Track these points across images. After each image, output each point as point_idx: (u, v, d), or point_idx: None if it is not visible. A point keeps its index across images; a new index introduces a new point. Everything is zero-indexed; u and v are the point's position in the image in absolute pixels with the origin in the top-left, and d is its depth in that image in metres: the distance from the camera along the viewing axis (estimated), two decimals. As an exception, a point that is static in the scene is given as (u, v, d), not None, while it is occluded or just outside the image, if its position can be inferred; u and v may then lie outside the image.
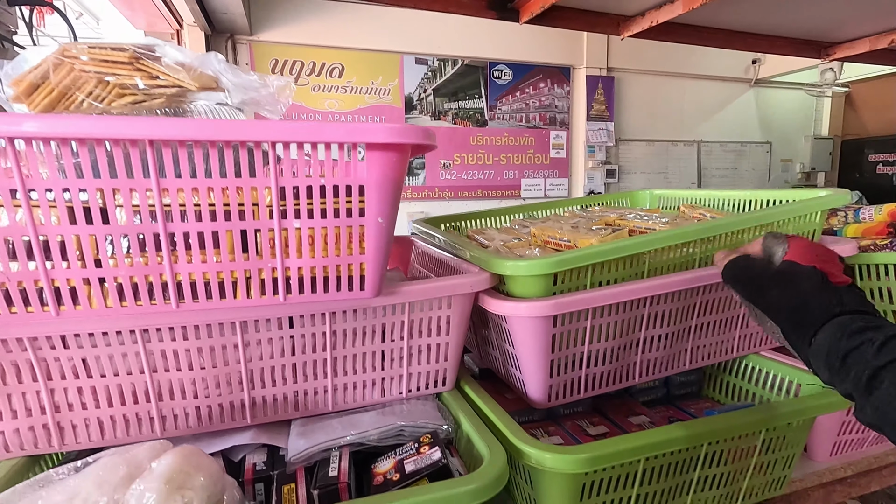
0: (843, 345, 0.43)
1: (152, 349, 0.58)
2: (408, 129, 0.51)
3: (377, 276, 0.59)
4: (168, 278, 0.51)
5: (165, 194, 0.48)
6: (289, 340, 0.64)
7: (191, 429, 0.64)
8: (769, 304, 0.52)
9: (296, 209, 0.53)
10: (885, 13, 1.26)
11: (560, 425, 0.82)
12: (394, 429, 0.65)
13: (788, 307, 0.50)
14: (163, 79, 0.54)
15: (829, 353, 0.44)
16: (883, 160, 6.41)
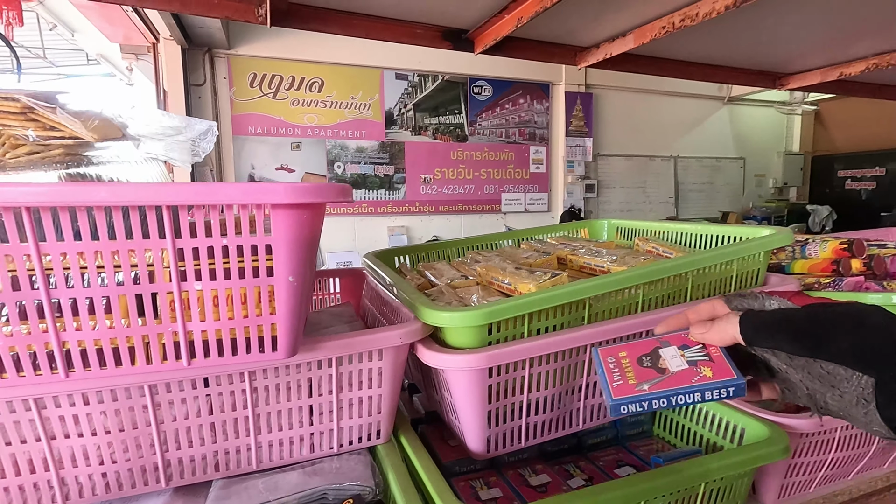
0: None
1: (48, 415, 0.54)
2: (315, 189, 0.49)
3: (291, 336, 0.56)
4: (54, 347, 0.48)
5: (47, 258, 0.45)
6: (205, 399, 0.61)
7: (97, 496, 0.60)
8: (842, 352, 0.37)
9: (197, 270, 0.50)
10: (833, 48, 1.29)
11: (502, 475, 0.79)
12: (316, 493, 0.62)
13: (882, 352, 0.36)
14: (60, 129, 0.51)
15: None
16: (851, 176, 6.60)
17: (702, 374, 0.45)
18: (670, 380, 0.46)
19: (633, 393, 0.47)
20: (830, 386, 0.38)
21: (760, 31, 1.16)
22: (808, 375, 0.39)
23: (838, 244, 0.94)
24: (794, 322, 0.39)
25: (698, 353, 0.47)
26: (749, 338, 0.42)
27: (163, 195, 0.44)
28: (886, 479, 0.93)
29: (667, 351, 0.49)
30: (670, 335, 0.50)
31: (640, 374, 0.48)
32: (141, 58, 4.68)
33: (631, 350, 0.52)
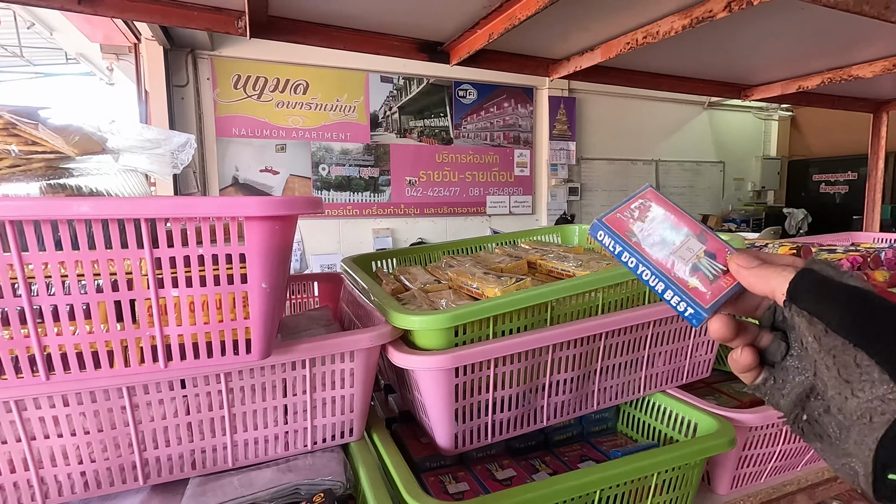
0: None
1: (28, 416, 0.57)
2: (287, 202, 0.53)
3: (264, 339, 0.59)
4: (35, 351, 0.50)
5: (29, 266, 0.48)
6: (182, 400, 0.64)
7: (76, 495, 0.62)
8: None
9: (173, 277, 0.53)
10: (791, 63, 1.37)
11: (470, 470, 0.83)
12: (288, 488, 0.65)
13: None
14: (41, 145, 0.54)
15: None
16: (825, 180, 6.80)
17: (688, 281, 0.39)
18: (661, 258, 0.40)
19: (622, 232, 0.42)
20: (846, 382, 0.30)
21: (720, 48, 1.22)
22: (832, 361, 0.30)
23: (788, 249, 1.00)
24: (863, 298, 0.30)
25: (708, 268, 0.39)
26: (795, 293, 0.32)
27: (141, 209, 0.48)
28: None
29: (693, 244, 0.40)
30: (714, 239, 0.41)
31: (645, 233, 0.42)
32: (122, 58, 4.63)
33: (673, 214, 0.42)
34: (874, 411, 0.29)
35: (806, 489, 0.96)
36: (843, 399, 0.31)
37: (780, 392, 0.36)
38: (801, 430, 0.35)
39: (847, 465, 0.31)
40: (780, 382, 0.36)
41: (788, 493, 0.95)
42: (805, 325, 0.32)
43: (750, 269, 0.36)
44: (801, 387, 0.35)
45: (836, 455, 0.33)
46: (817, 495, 0.98)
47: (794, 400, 0.35)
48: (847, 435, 0.31)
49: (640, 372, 0.90)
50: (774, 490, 0.93)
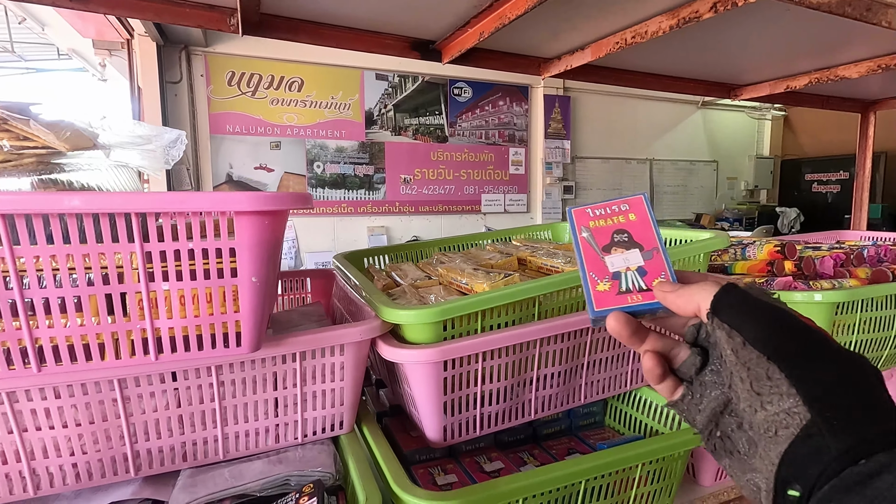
0: None
1: (20, 408, 0.57)
2: (277, 198, 0.53)
3: (254, 332, 0.60)
4: (27, 343, 0.51)
5: (21, 260, 0.49)
6: (173, 393, 0.64)
7: (68, 486, 0.63)
8: (809, 373, 0.30)
9: (164, 271, 0.54)
10: (779, 63, 1.38)
11: (458, 462, 0.84)
12: (279, 479, 0.66)
13: (849, 401, 0.29)
14: (32, 140, 0.55)
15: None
16: (818, 179, 6.86)
17: (598, 284, 0.41)
18: (592, 256, 0.43)
19: (579, 224, 0.44)
20: (758, 394, 0.31)
21: (709, 48, 1.24)
22: (746, 373, 0.31)
23: (772, 247, 1.02)
24: (780, 316, 0.32)
25: (628, 280, 0.41)
26: (717, 306, 0.33)
27: (131, 204, 0.48)
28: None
29: (633, 256, 0.42)
30: (660, 262, 0.41)
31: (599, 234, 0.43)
32: (114, 54, 4.60)
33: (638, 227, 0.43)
34: (780, 424, 0.30)
35: (788, 481, 0.98)
36: (753, 412, 0.31)
37: (696, 407, 0.37)
38: (714, 446, 0.36)
39: (751, 480, 0.32)
40: (697, 398, 0.37)
41: (771, 484, 0.97)
42: (725, 337, 0.33)
43: (674, 292, 0.37)
44: (716, 401, 0.36)
45: (742, 471, 0.33)
46: (800, 487, 1.00)
47: (710, 415, 0.36)
48: (755, 450, 0.32)
49: (627, 366, 0.91)
50: (758, 482, 0.95)
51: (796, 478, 0.28)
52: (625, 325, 0.39)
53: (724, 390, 0.36)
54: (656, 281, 0.40)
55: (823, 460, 0.27)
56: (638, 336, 0.40)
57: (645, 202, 0.45)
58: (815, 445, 0.28)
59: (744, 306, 0.33)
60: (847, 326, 0.92)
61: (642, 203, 0.45)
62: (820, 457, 0.28)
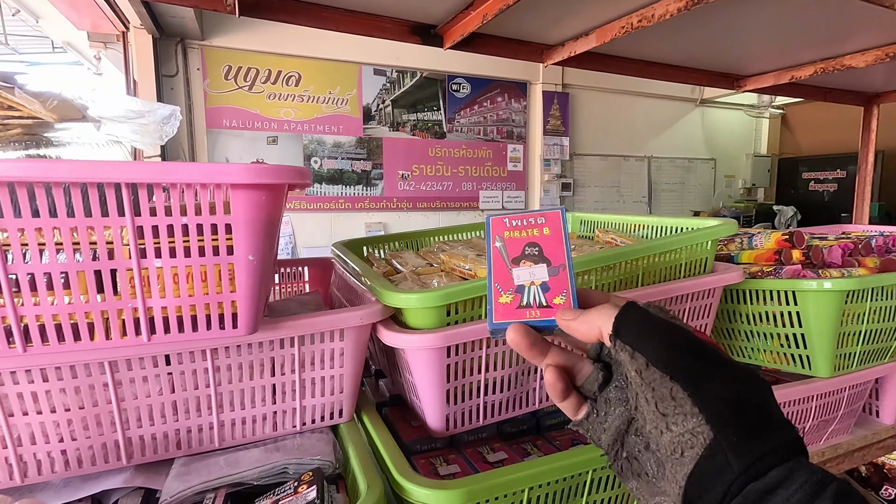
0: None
1: (6, 392, 0.55)
2: (272, 170, 0.51)
3: (251, 314, 0.58)
4: (11, 322, 0.48)
5: (4, 233, 0.46)
6: (166, 377, 0.62)
7: (56, 473, 0.60)
8: (706, 390, 0.30)
9: (156, 248, 0.51)
10: (785, 53, 1.37)
11: (461, 453, 0.82)
12: (276, 467, 0.64)
13: (744, 418, 0.29)
14: (18, 109, 0.52)
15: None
16: (815, 178, 6.87)
17: (502, 295, 0.41)
18: (499, 268, 0.43)
19: (494, 233, 0.44)
20: (663, 415, 0.30)
21: (716, 34, 1.22)
22: (651, 394, 0.31)
23: (780, 236, 1.01)
24: (680, 335, 0.32)
25: (530, 295, 0.41)
26: (619, 328, 0.33)
27: (122, 173, 0.46)
28: (821, 455, 1.00)
29: (540, 271, 0.42)
30: (564, 281, 0.41)
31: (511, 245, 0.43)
32: (110, 46, 4.55)
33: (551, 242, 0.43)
34: (685, 445, 0.29)
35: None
36: (660, 433, 0.31)
37: (601, 426, 0.36)
38: (621, 468, 0.36)
39: (660, 503, 0.32)
40: (602, 415, 0.36)
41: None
42: (628, 359, 0.33)
43: (575, 319, 0.37)
44: (620, 419, 0.35)
45: (651, 494, 0.33)
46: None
47: (615, 434, 0.35)
48: (662, 472, 0.32)
49: (632, 355, 0.89)
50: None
51: (702, 498, 0.28)
52: (524, 337, 0.38)
53: (629, 408, 0.35)
54: (558, 298, 0.40)
55: (727, 479, 0.28)
56: (538, 349, 0.39)
57: (561, 217, 0.45)
58: (719, 465, 0.28)
59: (644, 327, 0.33)
60: (856, 316, 0.90)
61: (558, 218, 0.45)
62: (723, 476, 0.28)
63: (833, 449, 1.01)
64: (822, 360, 0.90)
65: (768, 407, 0.30)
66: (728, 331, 1.04)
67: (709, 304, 0.93)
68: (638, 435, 0.35)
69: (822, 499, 0.25)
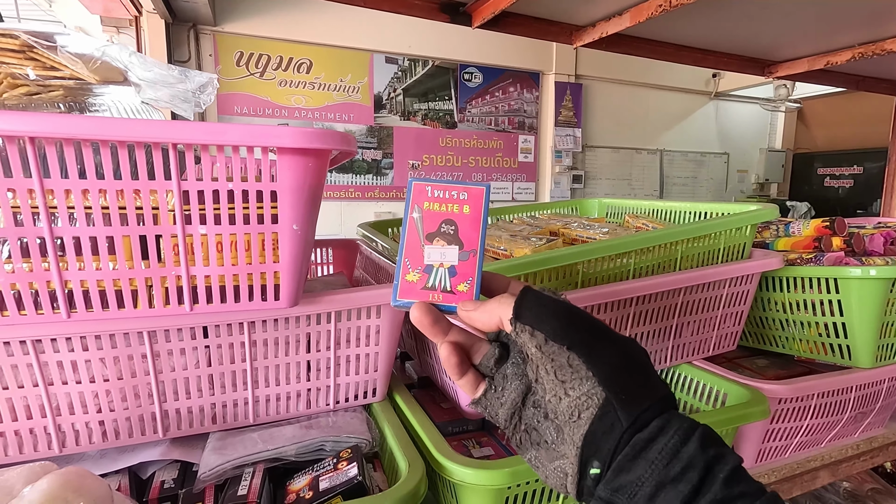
0: (710, 455, 0.29)
1: (46, 360, 0.54)
2: (321, 134, 0.49)
3: (294, 285, 0.56)
4: (56, 286, 0.47)
5: (51, 196, 0.45)
6: (204, 350, 0.61)
7: (94, 444, 0.60)
8: (599, 355, 0.33)
9: (202, 214, 0.50)
10: (820, 37, 1.33)
11: (493, 436, 0.81)
12: (314, 443, 0.63)
13: (632, 378, 0.33)
14: (60, 70, 0.50)
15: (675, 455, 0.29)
16: (830, 173, 6.77)
17: (410, 272, 0.41)
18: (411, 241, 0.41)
19: (414, 201, 0.42)
20: (562, 382, 0.33)
21: (752, 16, 1.18)
22: (551, 365, 0.34)
23: (821, 222, 0.98)
24: (573, 312, 0.36)
25: (435, 277, 0.41)
26: (519, 312, 0.35)
27: (171, 133, 0.44)
28: (856, 447, 0.98)
29: (451, 254, 0.41)
30: (472, 268, 0.41)
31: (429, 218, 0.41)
32: (122, 31, 4.54)
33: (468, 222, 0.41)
34: (581, 407, 0.32)
35: (829, 465, 0.95)
36: (559, 399, 0.34)
37: (499, 401, 0.38)
38: (520, 440, 0.37)
39: (559, 468, 0.34)
40: (499, 391, 0.38)
41: (812, 468, 0.93)
42: (528, 337, 0.35)
43: (475, 310, 0.39)
44: (516, 392, 0.37)
45: (549, 459, 0.35)
46: (840, 472, 0.97)
47: (511, 407, 0.37)
48: (561, 437, 0.34)
49: (667, 341, 0.88)
50: (799, 465, 0.92)
51: (596, 454, 0.31)
52: (426, 315, 0.39)
53: (524, 381, 0.37)
54: (463, 285, 0.40)
55: (616, 434, 0.31)
56: (440, 327, 0.40)
57: (484, 197, 0.42)
58: (610, 422, 0.31)
59: (541, 307, 0.36)
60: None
61: (481, 197, 0.42)
62: (613, 432, 0.31)
63: (868, 442, 0.99)
64: (864, 350, 0.88)
65: (647, 369, 0.34)
66: (762, 319, 1.02)
67: (746, 291, 0.91)
68: (536, 407, 0.37)
69: (691, 441, 0.30)
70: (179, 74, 0.61)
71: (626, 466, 0.30)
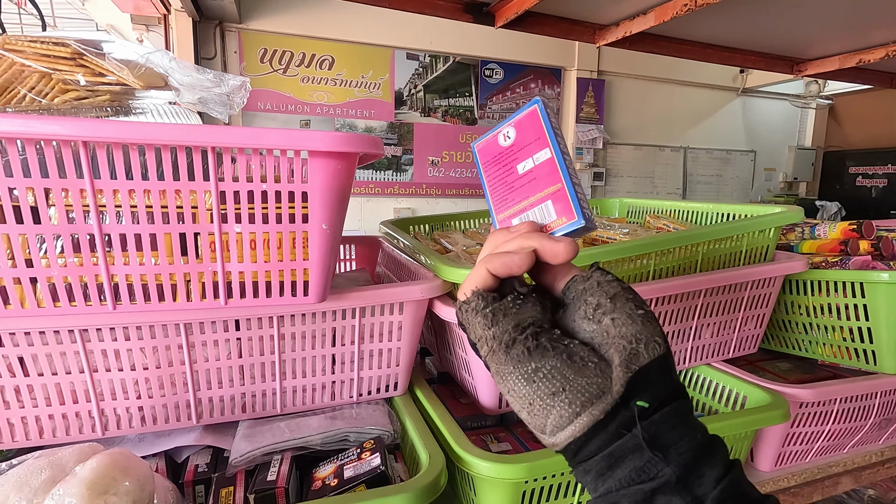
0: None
1: (92, 348, 0.58)
2: (351, 138, 0.51)
3: (322, 282, 0.59)
4: (104, 279, 0.51)
5: (101, 195, 0.48)
6: (235, 343, 0.64)
7: (133, 429, 0.63)
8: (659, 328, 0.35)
9: (237, 213, 0.52)
10: (853, 34, 1.29)
11: (511, 431, 0.82)
12: (339, 433, 0.66)
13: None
14: (107, 76, 0.54)
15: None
16: (863, 172, 6.54)
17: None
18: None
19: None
20: (636, 313, 0.34)
21: (781, 13, 1.16)
22: (625, 293, 0.35)
23: (847, 225, 0.96)
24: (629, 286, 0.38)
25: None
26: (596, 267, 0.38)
27: (211, 137, 0.47)
28: (881, 454, 0.96)
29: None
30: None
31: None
32: (151, 29, 4.66)
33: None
34: (649, 339, 0.33)
35: (852, 472, 0.94)
36: (623, 324, 0.34)
37: (511, 310, 0.36)
38: (534, 345, 0.35)
39: (593, 384, 0.33)
40: (515, 303, 0.37)
41: (833, 474, 0.92)
42: (609, 278, 0.37)
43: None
44: (537, 311, 0.36)
45: (578, 374, 0.33)
46: (863, 478, 0.96)
47: (529, 318, 0.36)
48: (603, 362, 0.34)
49: (686, 343, 0.88)
50: (819, 470, 0.91)
51: (646, 390, 0.32)
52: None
53: (546, 309, 0.37)
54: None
55: (671, 385, 0.32)
56: None
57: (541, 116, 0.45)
58: (666, 370, 0.33)
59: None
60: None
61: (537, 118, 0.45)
62: (670, 381, 0.33)
63: (893, 449, 0.97)
64: (890, 355, 0.87)
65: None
66: (785, 322, 1.01)
67: (768, 294, 0.90)
68: (567, 334, 0.36)
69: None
70: (214, 78, 0.64)
71: (673, 422, 0.31)
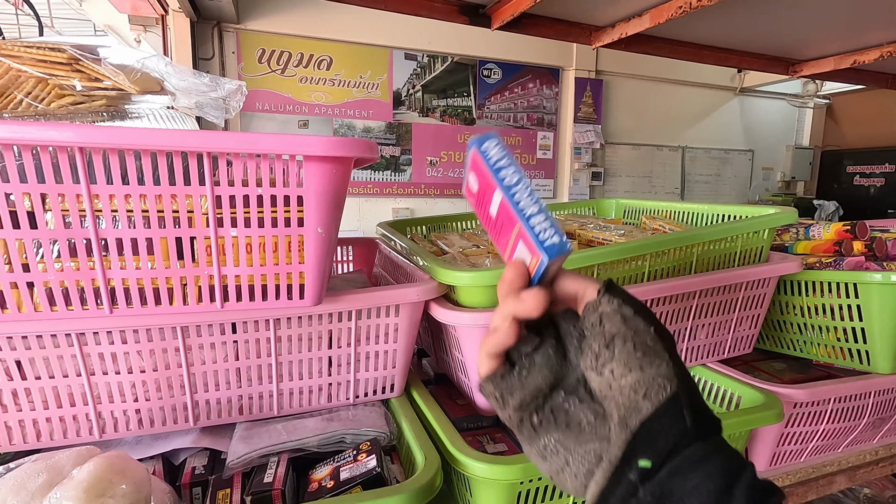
0: None
1: (89, 352, 0.58)
2: (345, 142, 0.52)
3: (317, 285, 0.59)
4: (100, 283, 0.51)
5: (97, 200, 0.48)
6: (232, 345, 0.64)
7: (131, 431, 0.64)
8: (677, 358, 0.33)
9: (232, 218, 0.53)
10: (848, 35, 1.30)
11: (507, 433, 0.83)
12: (335, 435, 0.66)
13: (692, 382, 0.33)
14: (103, 81, 0.54)
15: None
16: (860, 172, 6.56)
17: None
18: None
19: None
20: (638, 358, 0.31)
21: (777, 15, 1.17)
22: (632, 336, 0.33)
23: (842, 226, 0.97)
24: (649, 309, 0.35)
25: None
26: (609, 286, 0.34)
27: (206, 142, 0.47)
28: (875, 454, 0.97)
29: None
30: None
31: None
32: (149, 30, 4.65)
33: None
34: (651, 387, 0.30)
35: (847, 471, 0.95)
36: (622, 376, 0.31)
37: (519, 383, 0.35)
38: (538, 422, 0.35)
39: (592, 451, 0.32)
40: (522, 374, 0.35)
41: (828, 473, 0.93)
42: (616, 307, 0.33)
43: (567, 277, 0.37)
44: (544, 378, 0.35)
45: (579, 442, 0.33)
46: (858, 477, 0.96)
47: (534, 391, 0.35)
48: (603, 422, 0.32)
49: (681, 344, 0.88)
50: (814, 470, 0.91)
51: (649, 447, 0.29)
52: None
53: (553, 370, 0.35)
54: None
55: (677, 433, 0.28)
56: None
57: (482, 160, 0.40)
58: (674, 417, 0.29)
59: (625, 291, 0.35)
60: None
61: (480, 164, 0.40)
62: (675, 429, 0.28)
63: (887, 448, 0.98)
64: (883, 356, 0.87)
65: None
66: (780, 323, 1.02)
67: (763, 295, 0.91)
68: (569, 393, 0.35)
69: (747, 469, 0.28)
70: (210, 82, 0.64)
71: (685, 470, 0.27)
